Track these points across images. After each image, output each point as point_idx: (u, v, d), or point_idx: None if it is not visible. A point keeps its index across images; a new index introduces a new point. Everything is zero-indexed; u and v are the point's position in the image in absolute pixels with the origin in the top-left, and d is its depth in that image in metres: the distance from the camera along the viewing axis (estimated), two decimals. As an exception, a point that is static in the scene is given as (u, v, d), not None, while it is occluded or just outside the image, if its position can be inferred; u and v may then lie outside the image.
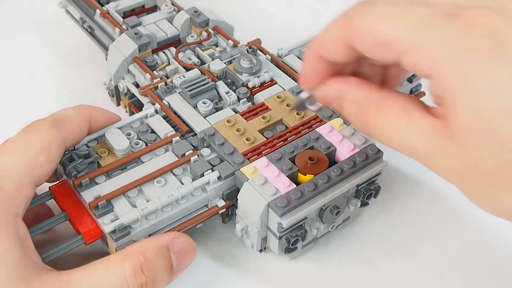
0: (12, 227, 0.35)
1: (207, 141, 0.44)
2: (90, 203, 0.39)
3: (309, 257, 0.44)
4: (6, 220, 0.34)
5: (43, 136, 0.38)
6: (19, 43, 0.63)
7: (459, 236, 0.47)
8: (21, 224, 0.36)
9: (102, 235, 0.39)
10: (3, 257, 0.33)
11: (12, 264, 0.33)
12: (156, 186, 0.41)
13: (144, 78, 0.49)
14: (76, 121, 0.40)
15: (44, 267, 0.35)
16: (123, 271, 0.35)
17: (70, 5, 0.60)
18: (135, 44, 0.50)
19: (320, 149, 0.43)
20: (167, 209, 0.40)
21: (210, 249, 0.45)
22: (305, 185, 0.40)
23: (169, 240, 0.38)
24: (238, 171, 0.41)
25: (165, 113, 0.46)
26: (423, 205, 0.49)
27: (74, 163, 0.41)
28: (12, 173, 0.36)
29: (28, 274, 0.34)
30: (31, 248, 0.36)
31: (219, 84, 0.48)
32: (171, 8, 0.55)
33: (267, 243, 0.42)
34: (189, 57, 0.51)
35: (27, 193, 0.36)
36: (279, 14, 0.69)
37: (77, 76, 0.59)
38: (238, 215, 0.42)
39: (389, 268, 0.44)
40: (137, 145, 0.43)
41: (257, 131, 0.45)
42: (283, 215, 0.39)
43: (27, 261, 0.34)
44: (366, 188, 0.43)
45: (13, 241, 0.34)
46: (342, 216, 0.44)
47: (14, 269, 0.33)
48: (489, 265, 0.45)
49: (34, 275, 0.34)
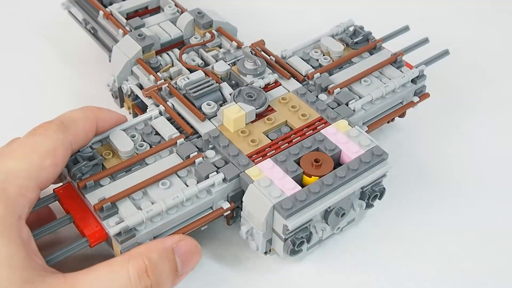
0: (15, 230, 0.34)
1: (212, 143, 0.43)
2: (95, 205, 0.39)
3: (313, 259, 0.44)
4: (10, 223, 0.34)
5: (50, 139, 0.38)
6: (22, 44, 0.63)
7: (459, 236, 0.47)
8: (24, 227, 0.35)
9: (107, 237, 0.39)
10: (7, 260, 0.33)
11: (15, 267, 0.33)
12: (161, 188, 0.41)
13: (148, 80, 0.49)
14: (82, 124, 0.40)
15: (48, 269, 0.35)
16: (128, 274, 0.35)
17: (73, 7, 0.60)
18: (138, 45, 0.50)
19: (325, 151, 0.42)
20: (172, 211, 0.40)
21: (215, 251, 0.45)
22: (310, 187, 0.40)
23: (174, 243, 0.38)
24: (243, 173, 0.41)
25: (169, 114, 0.46)
26: (423, 205, 0.49)
27: (79, 165, 0.41)
28: (16, 176, 0.36)
29: (32, 276, 0.34)
30: (34, 251, 0.36)
31: (223, 86, 0.48)
32: (174, 9, 0.55)
33: (272, 245, 0.42)
34: (193, 58, 0.51)
35: (31, 196, 0.36)
36: (283, 15, 0.69)
37: (80, 78, 0.59)
38: (243, 217, 0.41)
39: (389, 268, 0.44)
40: (142, 147, 0.43)
41: (262, 132, 0.44)
42: (289, 217, 0.39)
43: (31, 264, 0.34)
44: (371, 190, 0.43)
45: (16, 244, 0.34)
46: (347, 218, 0.44)
47: (17, 272, 0.33)
48: (489, 265, 0.45)
49: (38, 278, 0.34)
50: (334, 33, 0.54)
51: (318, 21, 0.66)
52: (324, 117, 0.46)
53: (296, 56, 0.52)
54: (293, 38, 0.56)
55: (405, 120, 0.54)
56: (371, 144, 0.43)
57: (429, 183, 0.50)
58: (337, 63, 0.51)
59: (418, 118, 0.55)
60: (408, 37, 0.55)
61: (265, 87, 0.48)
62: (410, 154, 0.53)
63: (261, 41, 0.53)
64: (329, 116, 0.46)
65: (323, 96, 0.48)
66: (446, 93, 0.59)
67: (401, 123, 0.55)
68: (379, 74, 0.50)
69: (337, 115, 0.46)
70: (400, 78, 0.49)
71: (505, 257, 0.45)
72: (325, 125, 0.45)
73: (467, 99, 0.59)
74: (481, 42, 0.67)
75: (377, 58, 0.52)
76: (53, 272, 0.35)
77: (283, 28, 0.66)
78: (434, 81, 0.54)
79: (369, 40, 0.54)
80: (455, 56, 0.57)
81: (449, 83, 0.61)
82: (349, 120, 0.45)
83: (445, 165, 0.52)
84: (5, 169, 0.36)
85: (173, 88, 0.47)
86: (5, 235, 0.34)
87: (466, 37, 0.67)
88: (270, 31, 0.62)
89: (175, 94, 0.47)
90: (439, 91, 0.56)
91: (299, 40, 0.53)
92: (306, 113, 0.46)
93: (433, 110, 0.56)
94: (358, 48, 0.53)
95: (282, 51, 0.52)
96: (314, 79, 0.49)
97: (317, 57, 0.52)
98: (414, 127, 0.55)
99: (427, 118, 0.56)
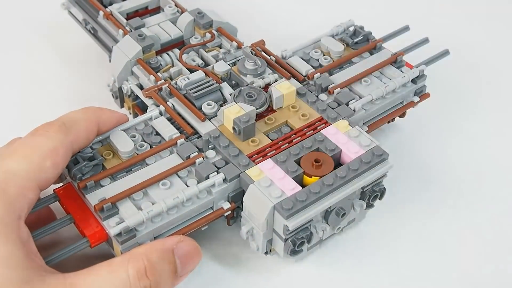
0: (14, 230, 0.34)
1: (212, 143, 0.43)
2: (95, 205, 0.39)
3: (313, 259, 0.44)
4: (9, 223, 0.34)
5: (51, 140, 0.38)
6: (22, 44, 0.63)
7: (459, 236, 0.47)
8: (23, 227, 0.35)
9: (107, 238, 0.39)
10: (6, 260, 0.33)
11: (15, 267, 0.33)
12: (161, 188, 0.41)
13: (148, 80, 0.49)
14: (84, 125, 0.40)
15: (48, 269, 0.35)
16: (127, 274, 0.35)
17: (73, 7, 0.60)
18: (139, 45, 0.50)
19: (326, 151, 0.42)
20: (173, 212, 0.40)
21: (215, 251, 0.45)
22: (310, 187, 0.40)
23: (174, 244, 0.38)
24: (244, 173, 0.41)
25: (169, 115, 0.46)
26: (423, 205, 0.49)
27: (79, 165, 0.41)
28: (16, 176, 0.36)
29: (31, 277, 0.34)
30: (34, 251, 0.36)
31: (223, 86, 0.47)
32: (174, 9, 0.55)
33: (273, 245, 0.42)
34: (193, 58, 0.51)
35: (30, 196, 0.36)
36: (283, 15, 0.69)
37: (80, 78, 0.59)
38: (243, 218, 0.41)
39: (389, 268, 0.44)
40: (142, 147, 0.43)
41: (262, 133, 0.44)
42: (289, 217, 0.39)
43: (30, 264, 0.34)
44: (372, 190, 0.43)
45: (15, 244, 0.34)
46: (347, 218, 0.44)
47: (17, 271, 0.33)
48: (489, 265, 0.45)
49: (38, 278, 0.34)
50: (334, 33, 0.54)
51: (318, 21, 0.66)
52: (324, 117, 0.46)
53: (296, 56, 0.51)
54: (293, 38, 0.56)
55: (405, 120, 0.54)
56: (372, 144, 0.43)
57: (429, 183, 0.50)
58: (337, 63, 0.51)
59: (418, 118, 0.55)
60: (408, 37, 0.55)
61: (265, 87, 0.48)
62: (411, 154, 0.53)
63: (261, 41, 0.53)
64: (329, 116, 0.45)
65: (323, 96, 0.48)
66: (446, 93, 0.59)
67: (401, 123, 0.55)
68: (379, 74, 0.50)
69: (338, 115, 0.46)
70: (400, 78, 0.49)
71: (505, 257, 0.45)
72: (325, 125, 0.45)
73: (467, 99, 0.59)
74: (481, 42, 0.67)
75: (377, 58, 0.52)
76: (52, 272, 0.35)
77: (283, 28, 0.67)
78: (434, 81, 0.54)
79: (369, 40, 0.54)
80: (455, 56, 0.57)
81: (449, 83, 0.61)
82: (349, 120, 0.45)
83: (445, 165, 0.52)
84: (5, 169, 0.36)
85: (173, 88, 0.47)
86: (4, 235, 0.34)
87: (466, 37, 0.67)
88: (270, 31, 0.62)
89: (175, 94, 0.47)
90: (439, 91, 0.56)
91: (299, 40, 0.53)
92: (307, 113, 0.46)
93: (433, 110, 0.56)
94: (358, 48, 0.53)
95: (282, 51, 0.52)
96: (315, 79, 0.49)
97: (317, 57, 0.52)
98: (414, 127, 0.55)
99: (427, 118, 0.56)
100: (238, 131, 0.43)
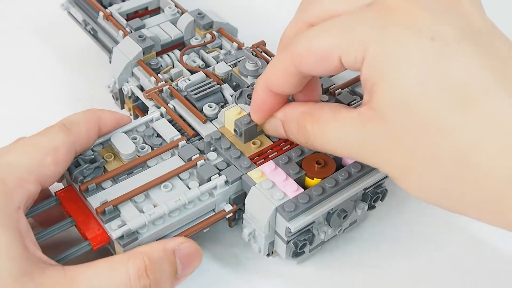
0: (13, 220, 0.34)
1: (214, 145, 0.43)
2: (97, 208, 0.38)
3: (314, 260, 0.44)
4: (8, 213, 0.34)
5: (51, 138, 0.38)
6: (21, 45, 0.63)
7: (459, 236, 0.47)
8: (22, 218, 0.35)
9: (109, 240, 0.39)
10: (5, 250, 0.33)
11: (14, 257, 0.33)
12: (163, 191, 0.40)
13: (149, 81, 0.48)
14: (84, 126, 0.40)
15: (47, 261, 0.35)
16: (127, 272, 0.35)
17: (73, 7, 0.59)
18: (139, 47, 0.50)
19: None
20: (174, 214, 0.40)
21: (216, 253, 0.45)
22: (312, 189, 0.40)
23: (175, 245, 0.38)
24: (245, 175, 0.41)
25: (170, 116, 0.46)
26: (423, 205, 0.49)
27: (80, 168, 0.40)
28: (15, 167, 0.36)
29: (31, 268, 0.33)
30: (33, 242, 0.35)
31: (224, 87, 0.47)
32: (174, 10, 0.55)
33: (275, 247, 0.42)
34: (194, 59, 0.51)
35: (30, 188, 0.36)
36: (284, 16, 0.69)
37: (80, 79, 0.59)
38: (245, 220, 0.41)
39: (390, 269, 0.44)
40: (143, 150, 0.43)
41: (264, 134, 0.44)
42: (291, 219, 0.39)
43: (29, 255, 0.34)
44: (373, 192, 0.43)
45: (14, 234, 0.34)
46: (349, 220, 0.44)
47: (16, 263, 0.33)
48: (489, 265, 0.45)
49: (37, 270, 0.33)
50: (335, 33, 0.54)
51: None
52: (325, 119, 0.45)
53: (297, 57, 0.51)
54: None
55: (406, 121, 0.54)
56: (373, 145, 0.43)
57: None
58: (338, 64, 0.51)
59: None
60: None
61: (266, 89, 0.48)
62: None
63: (262, 42, 0.52)
64: (330, 117, 0.45)
65: (324, 97, 0.48)
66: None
67: (402, 124, 0.55)
68: (380, 75, 0.50)
69: (339, 116, 0.46)
70: (402, 79, 0.49)
71: (505, 257, 0.45)
72: (327, 127, 0.45)
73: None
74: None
75: (378, 58, 0.52)
76: (52, 264, 0.35)
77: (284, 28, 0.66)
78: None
79: (370, 41, 0.53)
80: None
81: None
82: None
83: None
84: (5, 162, 0.36)
85: (174, 90, 0.47)
86: (3, 225, 0.34)
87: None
88: (271, 31, 0.62)
89: (176, 95, 0.47)
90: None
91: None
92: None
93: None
94: (359, 48, 0.53)
95: (283, 52, 0.51)
96: (316, 80, 0.49)
97: (318, 58, 0.52)
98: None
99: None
100: (239, 133, 0.43)
